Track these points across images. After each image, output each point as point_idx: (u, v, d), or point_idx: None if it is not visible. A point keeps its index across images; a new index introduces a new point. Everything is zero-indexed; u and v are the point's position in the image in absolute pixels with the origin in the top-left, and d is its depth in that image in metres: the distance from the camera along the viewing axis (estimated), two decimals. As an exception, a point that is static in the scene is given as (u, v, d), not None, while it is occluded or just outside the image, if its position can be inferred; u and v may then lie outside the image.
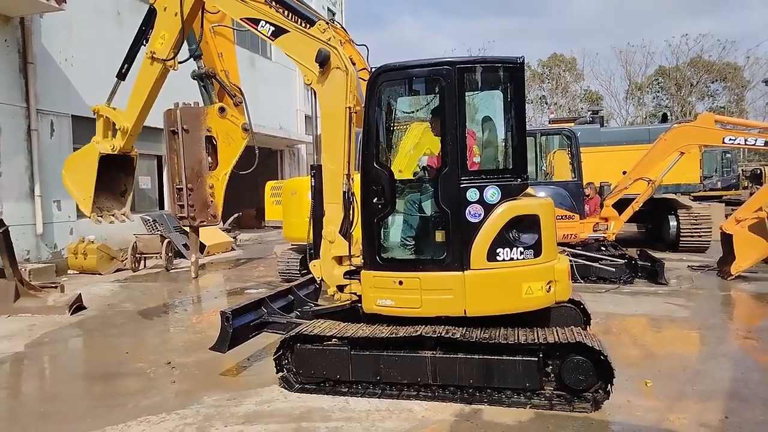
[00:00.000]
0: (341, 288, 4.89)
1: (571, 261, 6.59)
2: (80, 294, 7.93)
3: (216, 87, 6.34)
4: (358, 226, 4.67)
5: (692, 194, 13.40)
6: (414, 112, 5.53)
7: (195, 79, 6.37)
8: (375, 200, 4.52)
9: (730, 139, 9.09)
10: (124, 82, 6.40)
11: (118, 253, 11.50)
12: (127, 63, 6.34)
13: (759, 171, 24.27)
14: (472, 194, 4.31)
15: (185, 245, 11.95)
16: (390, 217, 4.69)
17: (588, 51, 65.82)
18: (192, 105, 6.12)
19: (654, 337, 6.21)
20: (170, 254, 11.45)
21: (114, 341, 6.33)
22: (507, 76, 4.52)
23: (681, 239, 11.99)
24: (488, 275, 4.30)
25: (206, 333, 6.28)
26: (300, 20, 5.01)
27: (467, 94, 4.45)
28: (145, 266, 11.72)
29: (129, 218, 6.89)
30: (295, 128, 22.50)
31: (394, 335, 4.28)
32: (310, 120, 6.04)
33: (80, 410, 4.38)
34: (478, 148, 5.00)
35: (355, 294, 4.80)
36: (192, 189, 6.03)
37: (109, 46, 11.94)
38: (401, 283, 4.42)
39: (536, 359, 4.04)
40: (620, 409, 4.03)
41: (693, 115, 30.69)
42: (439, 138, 4.49)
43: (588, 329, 4.90)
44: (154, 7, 5.95)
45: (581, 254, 9.02)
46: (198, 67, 6.30)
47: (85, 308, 7.82)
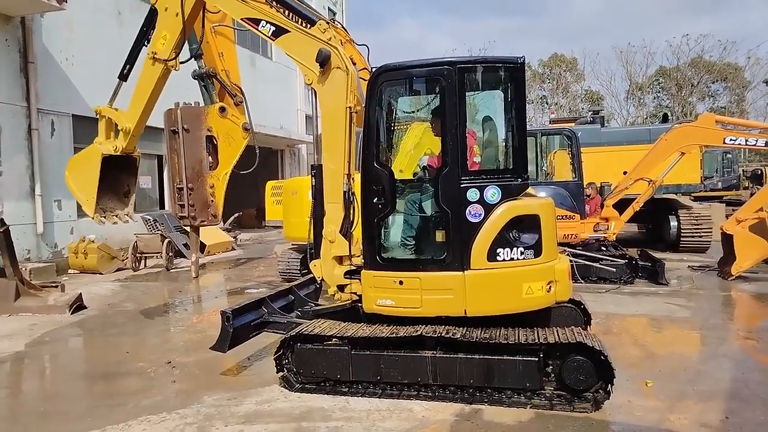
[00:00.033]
0: (342, 288, 4.89)
1: (572, 261, 6.59)
2: (81, 293, 7.94)
3: (216, 87, 6.33)
4: (359, 226, 4.67)
5: (693, 194, 13.40)
6: (414, 112, 5.53)
7: (195, 79, 6.36)
8: (375, 200, 4.52)
9: (731, 140, 9.08)
10: (126, 83, 6.41)
11: (119, 253, 11.51)
12: (129, 64, 6.34)
13: (760, 171, 24.23)
14: (473, 194, 4.31)
15: (186, 245, 11.95)
16: (390, 217, 4.69)
17: (589, 51, 65.91)
18: (192, 105, 6.12)
19: (654, 338, 6.21)
20: (171, 254, 11.45)
21: (114, 341, 6.33)
22: (507, 76, 4.52)
23: (681, 239, 11.98)
24: (488, 275, 4.30)
25: (207, 333, 6.28)
26: (300, 20, 5.02)
27: (468, 94, 4.45)
28: (146, 266, 11.72)
29: (132, 219, 6.89)
30: (296, 128, 22.50)
31: (395, 335, 4.28)
32: (311, 120, 6.05)
33: (81, 409, 4.39)
34: (479, 148, 5.00)
35: (356, 294, 4.80)
36: (192, 189, 6.03)
37: (110, 46, 11.97)
38: (401, 283, 4.42)
39: (537, 359, 4.04)
40: (621, 409, 4.03)
41: (694, 116, 30.65)
42: (440, 138, 4.48)
43: (588, 329, 4.90)
44: (155, 8, 5.95)
45: (582, 254, 9.01)
46: (199, 67, 6.29)
47: (86, 308, 7.83)
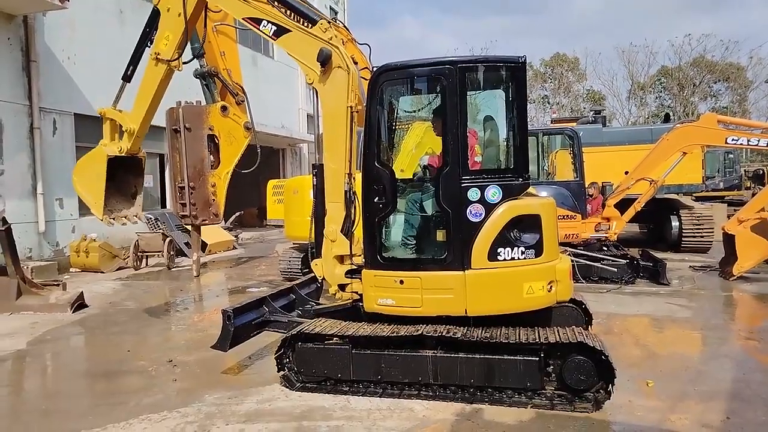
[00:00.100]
0: (342, 287, 4.89)
1: (573, 261, 6.58)
2: (82, 292, 7.95)
3: (218, 86, 6.35)
4: (360, 226, 4.67)
5: (694, 194, 13.38)
6: (415, 112, 5.52)
7: (197, 78, 6.38)
8: (376, 199, 4.52)
9: (733, 140, 9.06)
10: (130, 84, 6.42)
11: (120, 252, 11.53)
12: (132, 65, 6.36)
13: (761, 171, 24.18)
14: (474, 194, 4.30)
15: (187, 244, 11.98)
16: (391, 217, 4.69)
17: (590, 51, 65.69)
18: (194, 104, 6.13)
19: (656, 338, 6.20)
20: (172, 253, 11.46)
21: (116, 339, 6.34)
22: (509, 76, 4.51)
23: (683, 239, 11.96)
24: (489, 275, 4.29)
25: (208, 331, 6.28)
26: (302, 19, 5.02)
27: (469, 94, 4.44)
28: (147, 264, 11.73)
29: (141, 219, 6.91)
30: (297, 127, 22.50)
31: (395, 334, 4.28)
32: (312, 119, 6.05)
33: (82, 408, 4.40)
34: (480, 148, 4.99)
35: (357, 293, 4.79)
36: (194, 187, 6.04)
37: (112, 45, 11.99)
38: (402, 283, 4.42)
39: (537, 359, 4.04)
40: (621, 409, 4.03)
41: (696, 115, 30.60)
42: (441, 137, 4.48)
43: (589, 329, 4.89)
44: (158, 9, 5.96)
45: (583, 254, 9.01)
46: (200, 66, 6.31)
47: (87, 306, 7.84)
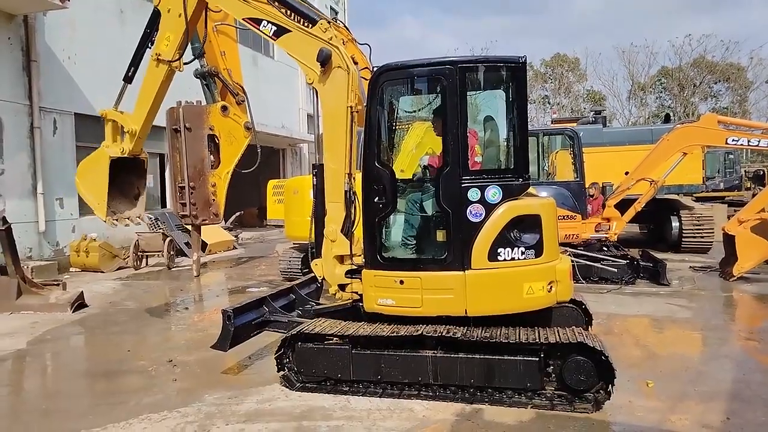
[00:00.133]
0: (342, 287, 4.89)
1: (573, 261, 6.58)
2: (82, 292, 7.95)
3: (218, 85, 6.34)
4: (360, 226, 4.67)
5: (695, 195, 13.39)
6: (416, 112, 5.52)
7: (198, 78, 6.37)
8: (376, 199, 4.52)
9: (733, 140, 9.06)
10: (131, 85, 6.42)
11: (120, 251, 11.53)
12: (133, 66, 6.37)
13: (762, 172, 24.19)
14: (474, 194, 4.30)
15: (187, 243, 11.98)
16: (391, 217, 4.69)
17: (591, 51, 65.61)
18: (194, 103, 6.13)
19: (656, 338, 6.20)
20: (172, 252, 11.46)
21: (116, 339, 6.34)
22: (509, 76, 4.51)
23: (683, 240, 11.96)
24: (489, 275, 4.29)
25: (208, 331, 6.28)
26: (302, 20, 5.02)
27: (469, 94, 4.44)
28: (147, 264, 11.73)
29: (144, 220, 6.92)
30: (298, 127, 22.51)
31: (395, 334, 4.28)
32: (313, 119, 6.05)
33: (82, 407, 4.40)
34: (480, 148, 4.99)
35: (357, 293, 4.80)
36: (194, 187, 6.04)
37: (112, 45, 12.01)
38: (402, 283, 4.42)
39: (537, 359, 4.04)
40: (621, 410, 4.03)
41: (696, 116, 30.63)
42: (441, 137, 4.48)
43: (589, 330, 4.89)
44: (158, 9, 5.96)
45: (583, 254, 9.00)
46: (201, 66, 6.31)
47: (87, 306, 7.84)
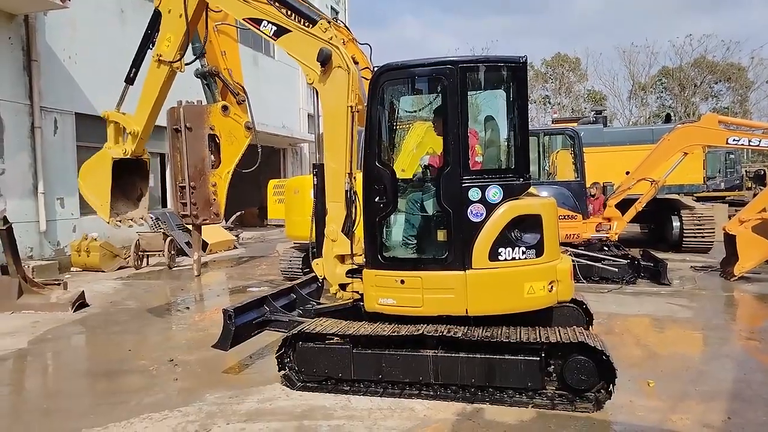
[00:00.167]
0: (343, 286, 4.89)
1: (574, 261, 6.58)
2: (83, 291, 7.95)
3: (219, 85, 6.35)
4: (361, 225, 4.67)
5: (695, 195, 13.38)
6: (416, 112, 5.52)
7: (198, 78, 6.38)
8: (377, 199, 4.51)
9: (734, 140, 9.06)
10: (132, 86, 6.43)
11: (121, 251, 11.53)
12: (135, 67, 6.38)
13: (762, 172, 24.21)
14: (474, 194, 4.30)
15: (188, 243, 11.98)
16: (392, 216, 4.69)
17: (591, 51, 65.81)
18: (195, 103, 6.13)
19: (656, 338, 6.20)
20: (173, 252, 11.47)
21: (117, 338, 6.35)
22: (510, 76, 4.51)
23: (684, 240, 11.96)
24: (490, 275, 4.29)
25: (209, 331, 6.29)
26: (302, 20, 5.02)
27: (470, 94, 4.44)
28: (148, 264, 11.74)
29: (147, 222, 6.93)
30: (298, 127, 22.51)
31: (396, 334, 4.29)
32: (313, 119, 6.05)
33: (83, 407, 4.40)
34: (481, 148, 4.99)
35: (357, 293, 4.80)
36: (195, 187, 6.04)
37: (113, 44, 12.00)
38: (403, 282, 4.42)
39: (538, 359, 4.04)
40: (622, 409, 4.03)
41: (696, 116, 30.64)
42: (442, 137, 4.48)
43: (590, 329, 4.89)
44: (159, 10, 5.97)
45: (584, 254, 9.00)
46: (201, 65, 6.31)
47: (88, 305, 7.85)
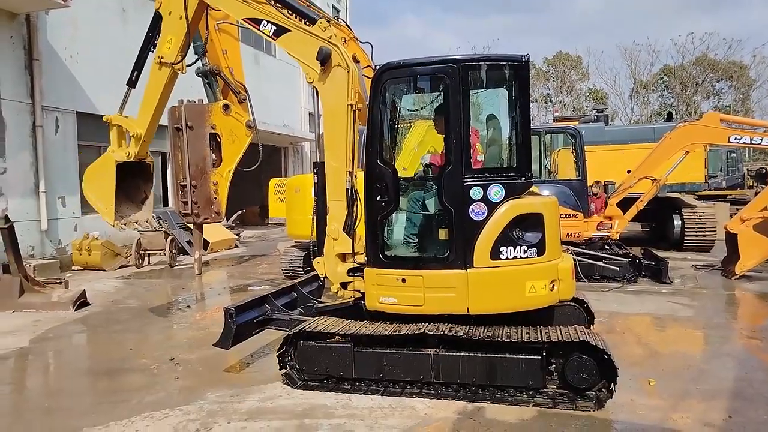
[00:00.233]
0: (344, 285, 4.89)
1: (575, 260, 6.58)
2: (84, 290, 7.97)
3: (220, 84, 6.34)
4: (362, 224, 4.67)
5: (697, 193, 13.37)
6: (418, 110, 5.51)
7: (199, 76, 6.37)
8: (378, 198, 4.51)
9: (736, 138, 9.06)
10: (134, 89, 6.44)
11: (122, 250, 11.54)
12: (137, 70, 6.38)
13: (764, 170, 24.17)
14: (476, 192, 4.30)
15: (189, 242, 11.97)
16: (393, 215, 4.68)
17: (593, 49, 65.67)
18: (196, 102, 6.13)
19: (658, 336, 6.20)
20: (174, 251, 11.48)
21: (118, 337, 6.35)
22: (512, 75, 4.50)
23: (685, 238, 11.95)
24: (491, 273, 4.29)
25: (210, 329, 6.29)
26: (301, 19, 5.01)
27: (472, 92, 4.42)
28: (149, 263, 11.76)
29: (152, 224, 6.95)
30: (299, 125, 22.51)
31: (397, 333, 4.29)
32: (314, 117, 6.05)
33: (84, 406, 4.41)
34: (482, 146, 4.98)
35: (359, 291, 4.79)
36: (196, 186, 6.04)
37: (114, 44, 12.01)
38: (404, 281, 4.42)
39: (539, 357, 4.03)
40: (623, 408, 4.03)
41: (698, 114, 30.58)
42: (443, 136, 4.47)
43: (591, 328, 4.89)
44: (160, 12, 5.96)
45: (585, 253, 9.00)
46: (203, 64, 6.30)
47: (89, 304, 7.86)
